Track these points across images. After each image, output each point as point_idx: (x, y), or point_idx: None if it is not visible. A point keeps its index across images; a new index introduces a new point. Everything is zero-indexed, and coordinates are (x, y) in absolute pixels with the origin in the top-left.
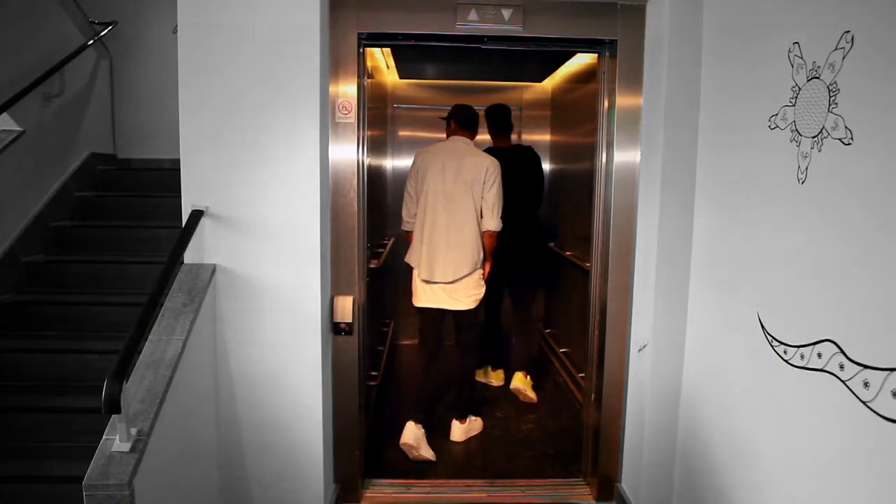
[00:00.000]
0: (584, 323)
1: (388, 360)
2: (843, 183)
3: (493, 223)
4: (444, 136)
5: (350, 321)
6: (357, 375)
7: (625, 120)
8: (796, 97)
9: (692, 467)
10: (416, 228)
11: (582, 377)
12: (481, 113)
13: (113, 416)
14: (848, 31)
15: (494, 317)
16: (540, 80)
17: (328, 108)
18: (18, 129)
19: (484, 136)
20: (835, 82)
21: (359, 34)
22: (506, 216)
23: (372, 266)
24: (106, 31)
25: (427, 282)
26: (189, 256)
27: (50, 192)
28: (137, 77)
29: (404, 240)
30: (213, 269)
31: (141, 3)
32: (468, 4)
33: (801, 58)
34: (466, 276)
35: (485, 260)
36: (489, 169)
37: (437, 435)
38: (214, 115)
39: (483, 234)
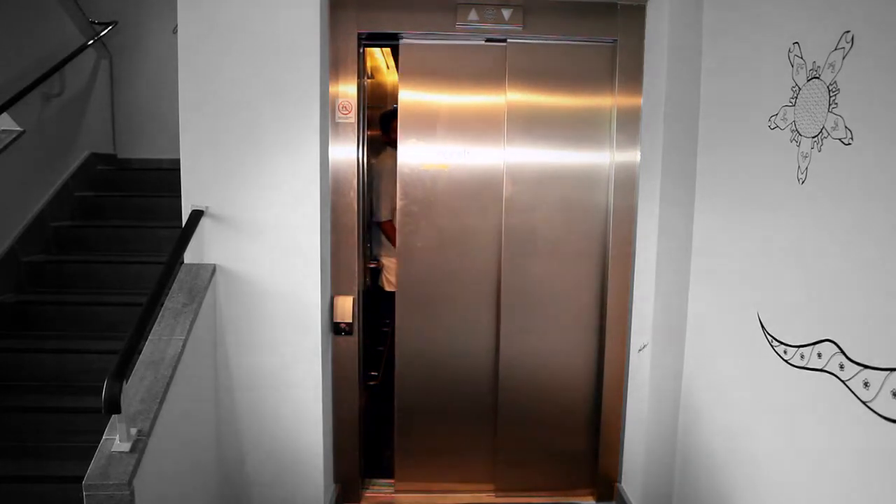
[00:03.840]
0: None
1: (388, 360)
2: (843, 183)
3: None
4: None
5: (350, 321)
6: (357, 375)
7: (625, 120)
8: (796, 97)
9: (692, 467)
10: None
11: None
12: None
13: (113, 416)
14: (848, 31)
15: None
16: None
17: (328, 108)
18: (18, 129)
19: None
20: (835, 82)
21: (359, 34)
22: None
23: (372, 266)
24: (106, 31)
25: None
26: (189, 256)
27: (50, 192)
28: (137, 77)
29: None
30: (213, 269)
31: (141, 3)
32: (468, 4)
33: (801, 58)
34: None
35: None
36: None
37: None
38: (214, 115)
39: None
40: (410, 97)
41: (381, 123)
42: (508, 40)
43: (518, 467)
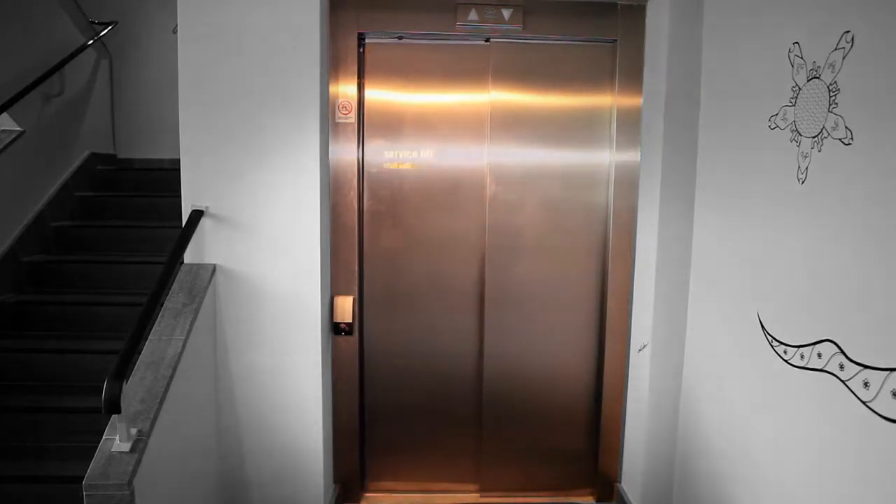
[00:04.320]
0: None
1: None
2: (844, 183)
3: None
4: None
5: (350, 321)
6: (357, 375)
7: (625, 120)
8: (796, 97)
9: (692, 467)
10: None
11: None
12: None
13: (113, 416)
14: (848, 31)
15: None
16: None
17: (328, 108)
18: (18, 129)
19: None
20: (835, 82)
21: (359, 34)
22: None
23: None
24: (106, 31)
25: None
26: (189, 256)
27: (50, 192)
28: (137, 77)
29: None
30: (213, 269)
31: (141, 3)
32: (468, 4)
33: (801, 58)
34: None
35: None
36: None
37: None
38: (214, 115)
39: None
40: (375, 97)
41: None
42: (492, 40)
43: (512, 468)
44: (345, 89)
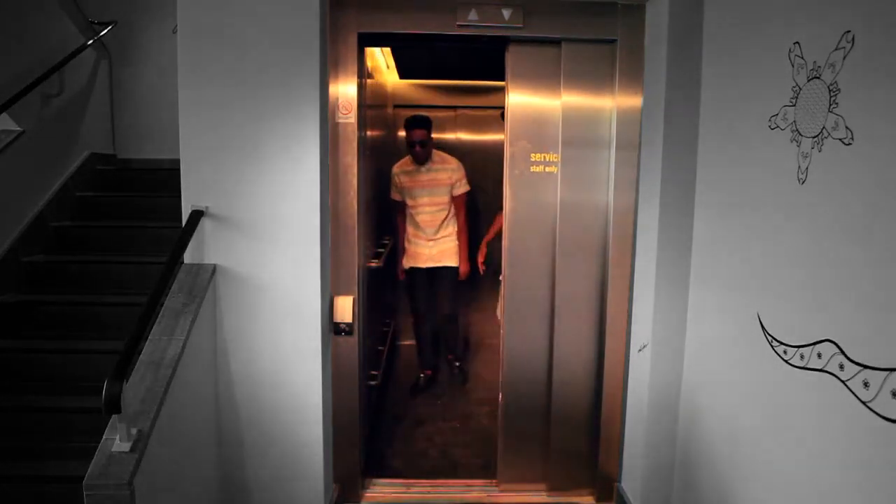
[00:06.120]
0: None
1: (389, 360)
2: (844, 183)
3: None
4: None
5: (350, 321)
6: (357, 375)
7: (625, 120)
8: (797, 97)
9: (691, 467)
10: None
11: None
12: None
13: (113, 416)
14: (848, 31)
15: None
16: None
17: (328, 107)
18: (18, 129)
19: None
20: (835, 82)
21: (359, 34)
22: None
23: (372, 265)
24: (106, 31)
25: None
26: (189, 256)
27: (50, 192)
28: (137, 77)
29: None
30: (213, 269)
31: (141, 3)
32: (468, 4)
33: (802, 58)
34: None
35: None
36: None
37: None
38: (214, 115)
39: None
40: (519, 100)
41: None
42: (563, 43)
43: (567, 466)
44: (345, 89)
